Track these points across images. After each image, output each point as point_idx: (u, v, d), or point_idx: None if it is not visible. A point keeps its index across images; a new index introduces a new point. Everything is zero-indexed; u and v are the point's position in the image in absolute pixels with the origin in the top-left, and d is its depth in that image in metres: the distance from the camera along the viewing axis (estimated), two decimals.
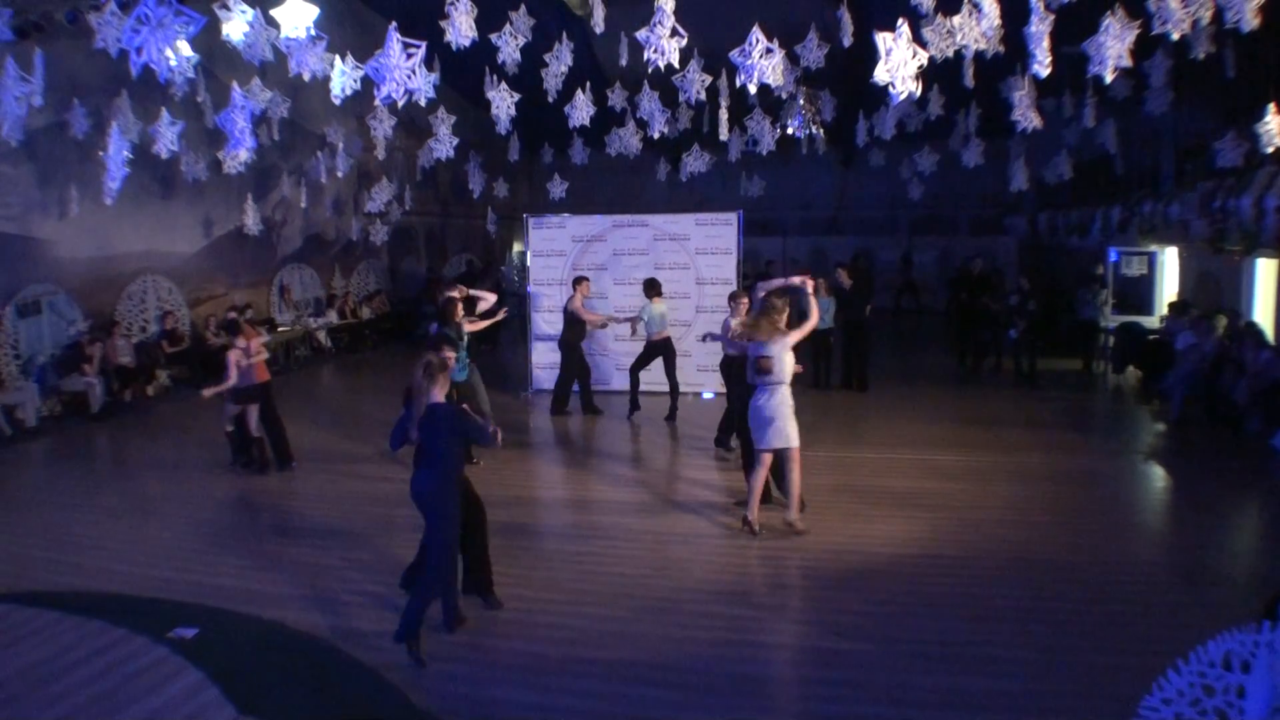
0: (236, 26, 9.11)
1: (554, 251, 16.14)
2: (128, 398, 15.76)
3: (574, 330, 14.28)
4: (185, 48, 8.13)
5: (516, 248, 30.19)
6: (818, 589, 7.53)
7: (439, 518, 6.42)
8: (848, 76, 15.75)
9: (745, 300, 11.65)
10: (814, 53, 12.36)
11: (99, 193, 11.78)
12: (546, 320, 16.03)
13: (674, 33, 8.95)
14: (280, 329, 20.12)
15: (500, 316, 12.39)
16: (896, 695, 5.75)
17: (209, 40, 9.48)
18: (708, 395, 15.35)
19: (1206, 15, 7.81)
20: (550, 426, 13.97)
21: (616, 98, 16.51)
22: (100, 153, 11.22)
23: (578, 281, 14.38)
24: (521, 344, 17.22)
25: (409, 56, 8.28)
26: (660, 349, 13.97)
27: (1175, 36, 8.05)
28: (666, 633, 6.68)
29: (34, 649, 6.37)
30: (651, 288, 13.93)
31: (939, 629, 6.65)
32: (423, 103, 8.95)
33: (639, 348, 14.48)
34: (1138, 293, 19.17)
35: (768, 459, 8.63)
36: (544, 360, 16.15)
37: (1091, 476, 10.69)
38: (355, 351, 22.03)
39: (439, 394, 6.54)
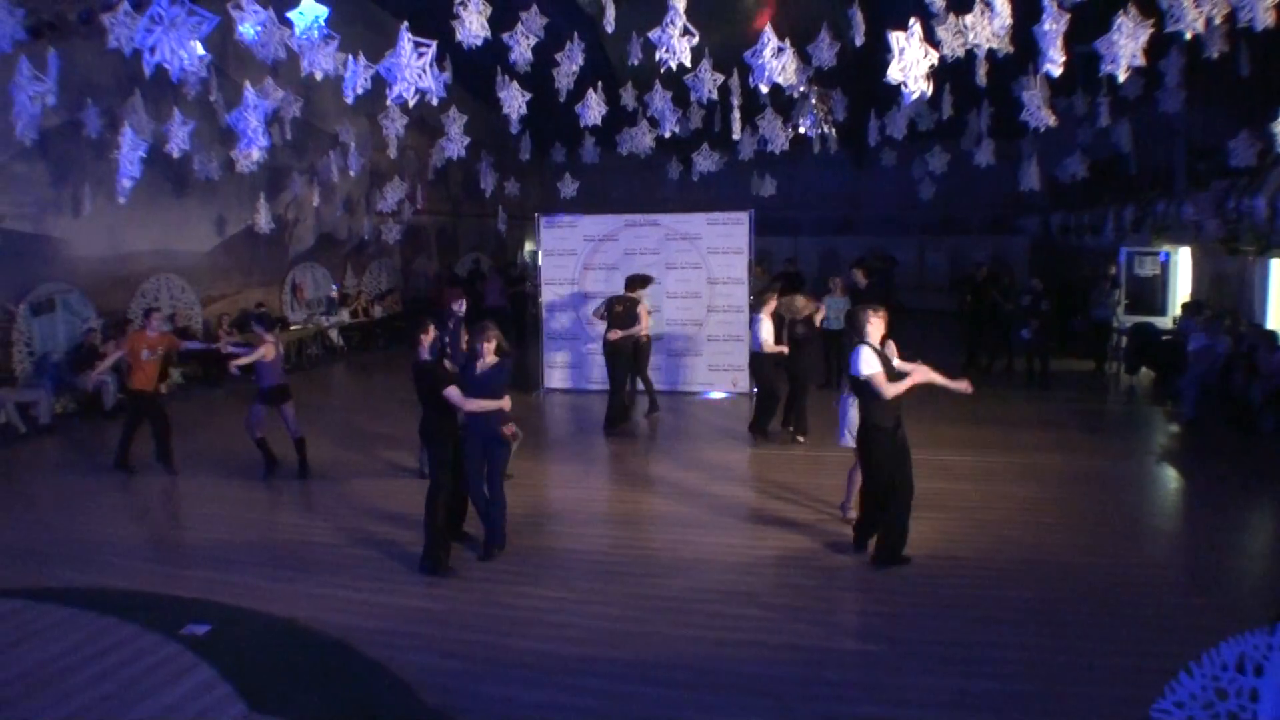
0: (249, 26, 9.12)
1: (565, 251, 16.14)
2: None
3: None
4: (198, 47, 8.15)
5: (528, 247, 30.24)
6: (828, 590, 7.53)
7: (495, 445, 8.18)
8: (860, 76, 15.74)
9: (774, 301, 12.08)
10: (826, 52, 12.34)
11: (112, 191, 11.82)
12: (559, 321, 16.07)
13: (685, 32, 8.96)
14: (293, 327, 20.23)
15: None
16: (906, 697, 5.74)
17: (221, 39, 9.51)
18: (716, 394, 15.38)
19: (1220, 14, 7.77)
20: (561, 425, 13.98)
21: (628, 97, 16.53)
22: (114, 151, 11.25)
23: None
24: (534, 344, 17.23)
25: (420, 55, 8.29)
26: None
27: (1189, 36, 8.01)
28: (678, 633, 6.67)
29: (46, 645, 6.40)
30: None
31: (949, 630, 6.63)
32: (434, 102, 8.97)
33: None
34: (1151, 293, 19.06)
35: None
36: (556, 360, 16.17)
37: (1103, 478, 10.63)
38: (367, 350, 22.10)
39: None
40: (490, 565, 8.00)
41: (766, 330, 12.18)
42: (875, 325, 7.85)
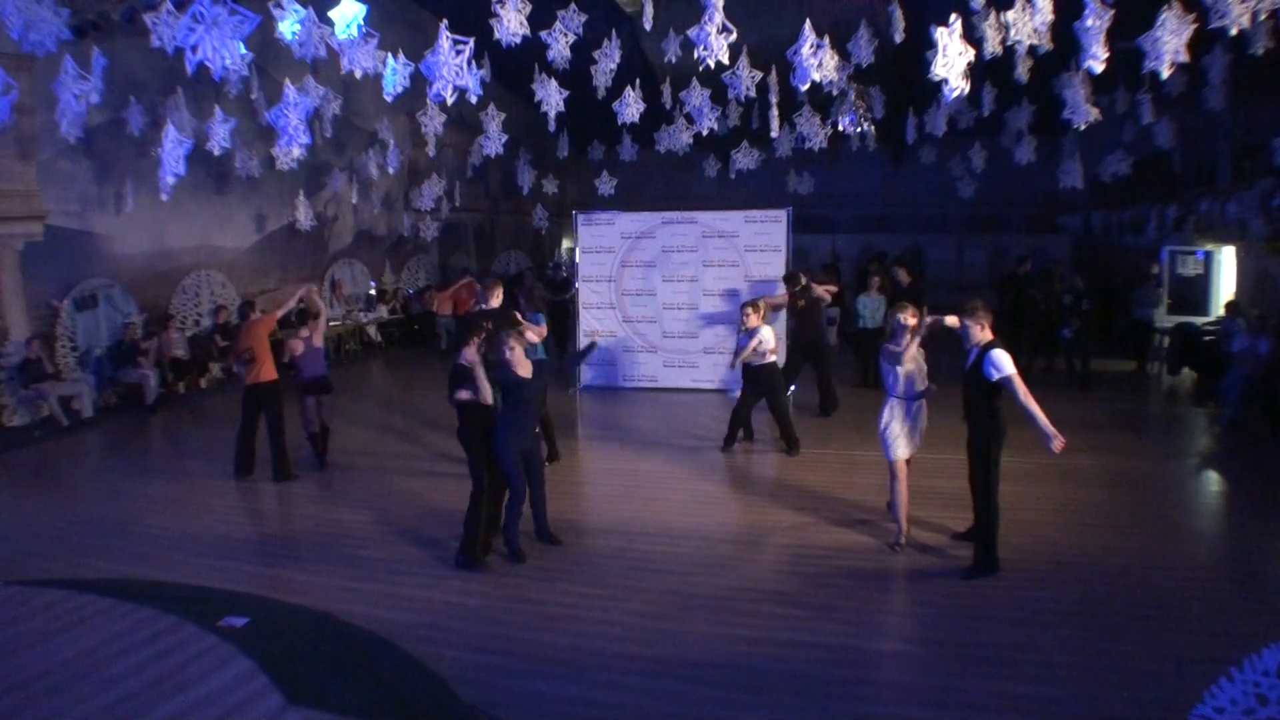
0: (289, 25, 9.20)
1: (603, 248, 16.14)
2: (181, 389, 16.06)
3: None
4: (240, 46, 8.23)
5: (565, 244, 30.33)
6: (864, 589, 7.47)
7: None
8: (898, 72, 15.66)
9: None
10: (865, 49, 12.28)
11: (155, 188, 11.96)
12: (596, 318, 16.06)
13: (723, 29, 8.94)
14: (331, 323, 20.38)
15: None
16: (942, 698, 5.70)
17: (262, 38, 9.59)
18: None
19: (1265, 10, 7.65)
20: (597, 423, 13.99)
21: (666, 95, 16.53)
22: (157, 148, 11.38)
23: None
24: (570, 341, 17.27)
25: (458, 53, 8.34)
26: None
27: (1233, 32, 7.89)
28: (713, 631, 6.67)
29: (87, 635, 6.49)
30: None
31: (987, 632, 6.58)
32: (473, 99, 9.01)
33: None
34: (1194, 293, 18.81)
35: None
36: (593, 357, 16.15)
37: (1144, 480, 10.49)
38: (405, 346, 22.25)
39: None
40: (527, 562, 8.03)
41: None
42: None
